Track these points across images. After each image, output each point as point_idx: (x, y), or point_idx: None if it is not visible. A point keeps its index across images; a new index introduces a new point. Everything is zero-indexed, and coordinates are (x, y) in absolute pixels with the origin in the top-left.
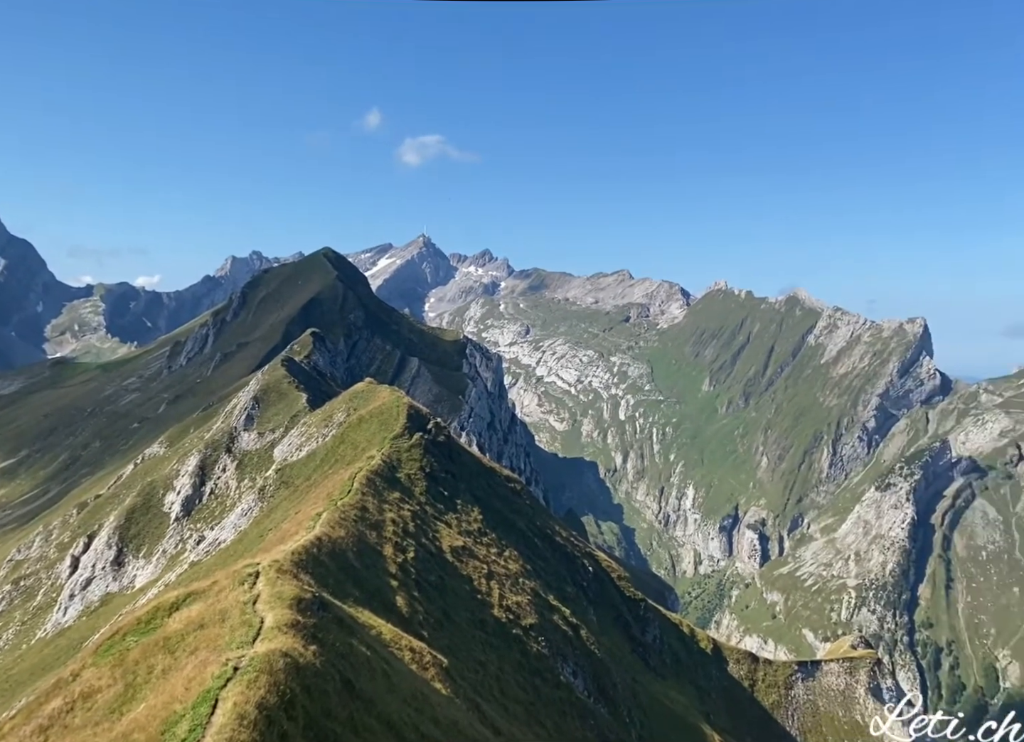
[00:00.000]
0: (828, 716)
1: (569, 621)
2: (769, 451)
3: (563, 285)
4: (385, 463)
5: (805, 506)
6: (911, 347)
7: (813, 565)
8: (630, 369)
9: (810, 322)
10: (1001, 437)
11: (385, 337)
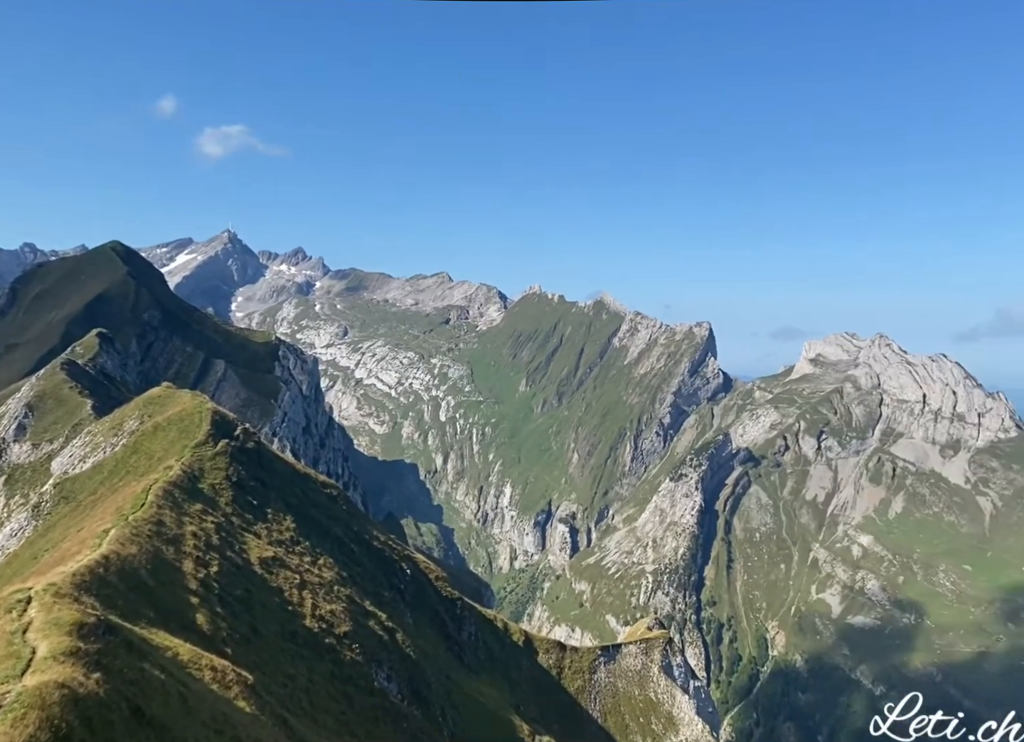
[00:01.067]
0: (626, 696)
1: (385, 626)
2: (580, 448)
3: (382, 286)
4: (185, 473)
5: (611, 498)
6: (699, 349)
7: (616, 554)
8: (450, 371)
9: (615, 325)
10: (771, 430)
11: (186, 338)
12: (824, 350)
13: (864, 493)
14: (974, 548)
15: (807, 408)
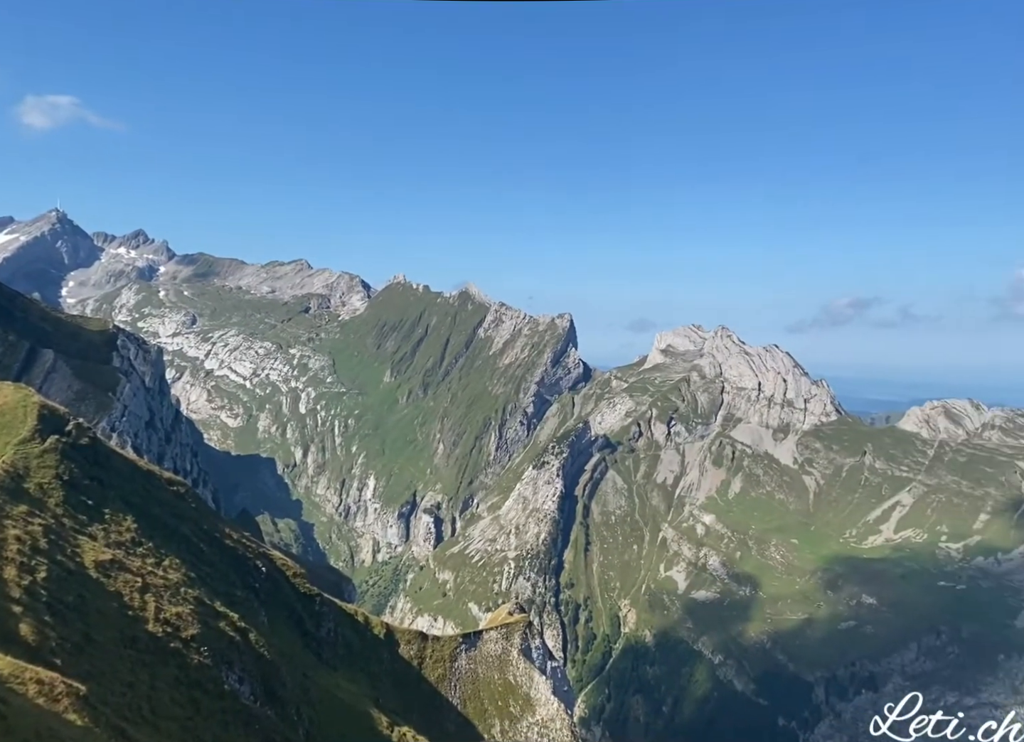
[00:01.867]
0: (486, 681)
1: (237, 626)
2: (445, 438)
3: (235, 273)
4: (7, 473)
5: (476, 488)
6: (561, 340)
7: (480, 542)
8: (311, 361)
9: (480, 316)
10: (627, 417)
11: (8, 325)
12: (673, 341)
13: (708, 475)
14: (800, 523)
15: (658, 396)
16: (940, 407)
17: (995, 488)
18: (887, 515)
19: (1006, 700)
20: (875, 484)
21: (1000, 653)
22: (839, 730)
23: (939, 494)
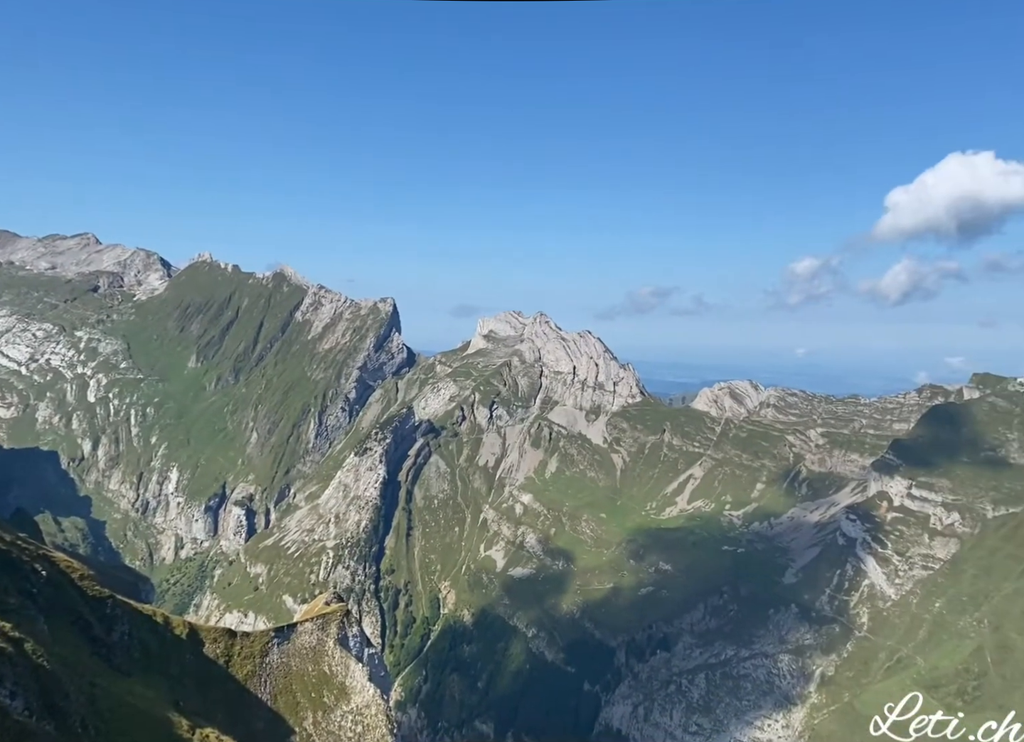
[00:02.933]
0: (299, 674)
1: (9, 636)
2: (259, 426)
3: (6, 246)
4: None
5: (293, 477)
6: (384, 324)
7: (297, 533)
8: (101, 345)
9: (297, 299)
10: (451, 402)
11: None
12: (495, 327)
13: (527, 456)
14: (608, 498)
15: (481, 381)
16: (726, 388)
17: (769, 460)
18: (682, 488)
19: (774, 649)
20: (672, 460)
21: (770, 608)
22: (636, 689)
23: (725, 467)
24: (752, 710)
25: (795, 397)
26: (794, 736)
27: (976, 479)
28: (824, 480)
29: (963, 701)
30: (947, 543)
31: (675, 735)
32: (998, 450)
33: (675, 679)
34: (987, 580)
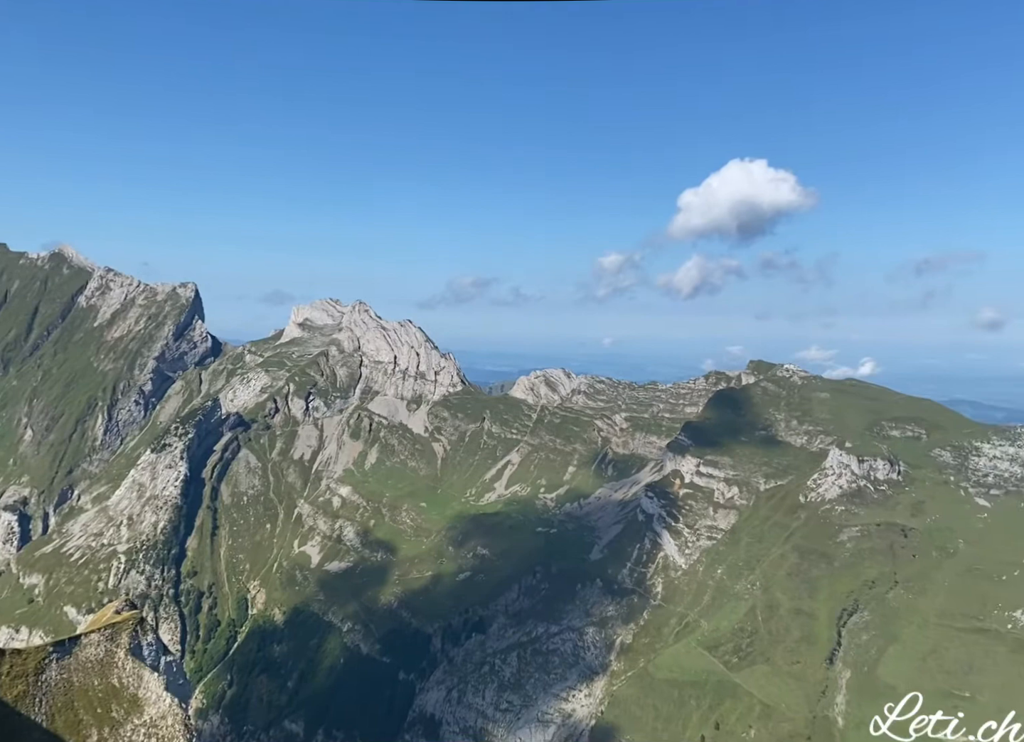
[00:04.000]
0: (83, 689)
1: None
2: (35, 423)
3: None
4: None
5: (77, 478)
6: (185, 311)
7: (82, 538)
8: None
9: (81, 282)
10: (262, 393)
11: None
12: (311, 315)
13: (346, 448)
14: (429, 487)
15: (296, 371)
16: (542, 376)
17: (580, 444)
18: (500, 473)
19: (581, 623)
20: (491, 447)
21: (578, 583)
22: (451, 674)
23: (540, 452)
24: (559, 683)
25: (603, 384)
26: (595, 703)
27: (752, 456)
28: (628, 461)
29: (738, 657)
30: (728, 515)
31: (487, 714)
32: (769, 429)
33: (489, 660)
34: (759, 546)
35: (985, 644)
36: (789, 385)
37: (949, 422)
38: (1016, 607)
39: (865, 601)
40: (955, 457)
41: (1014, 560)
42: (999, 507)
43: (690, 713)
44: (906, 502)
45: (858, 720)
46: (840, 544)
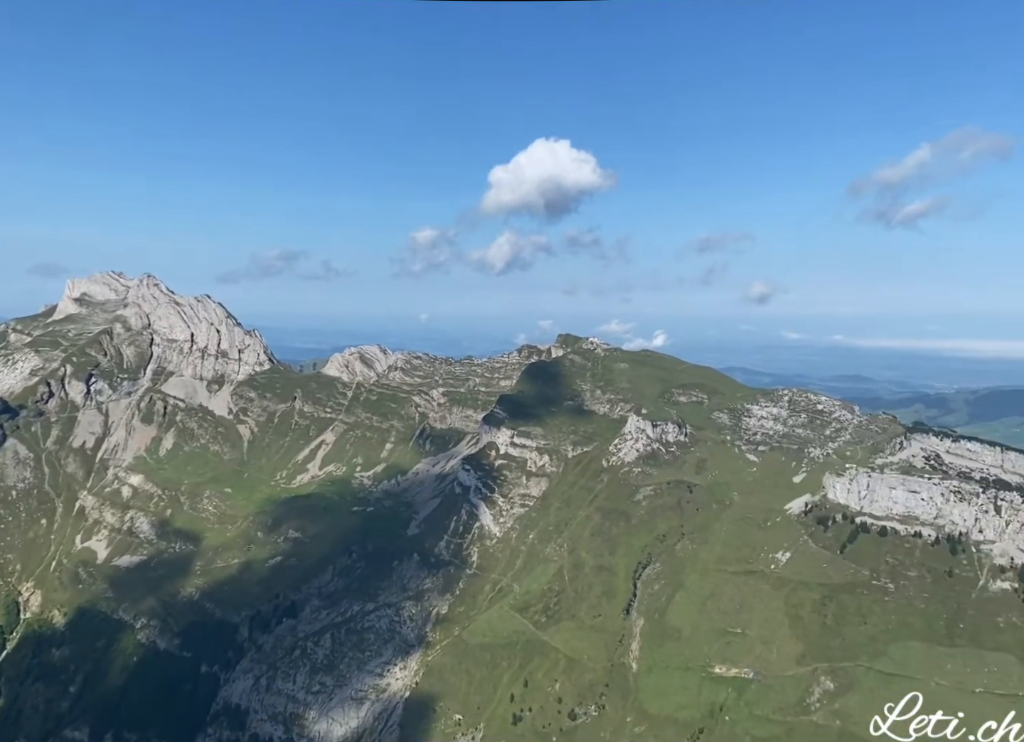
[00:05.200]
0: None
1: None
2: None
3: None
4: None
5: None
6: None
7: None
8: None
9: None
10: (32, 376)
11: None
12: (90, 289)
13: (136, 433)
14: (234, 472)
15: (74, 351)
16: (356, 353)
17: (398, 421)
18: (313, 454)
19: (397, 598)
20: (304, 427)
21: (395, 560)
22: (259, 662)
23: (356, 430)
24: (375, 659)
25: (420, 360)
26: (411, 676)
27: (561, 425)
28: (446, 436)
29: (547, 617)
30: (540, 482)
31: (297, 698)
32: (576, 399)
33: (300, 644)
34: (567, 510)
35: (753, 584)
36: (593, 357)
37: (726, 387)
38: (777, 549)
39: (657, 554)
40: (731, 418)
41: (776, 507)
42: (765, 461)
43: (501, 674)
44: (691, 461)
45: (649, 664)
46: (637, 503)
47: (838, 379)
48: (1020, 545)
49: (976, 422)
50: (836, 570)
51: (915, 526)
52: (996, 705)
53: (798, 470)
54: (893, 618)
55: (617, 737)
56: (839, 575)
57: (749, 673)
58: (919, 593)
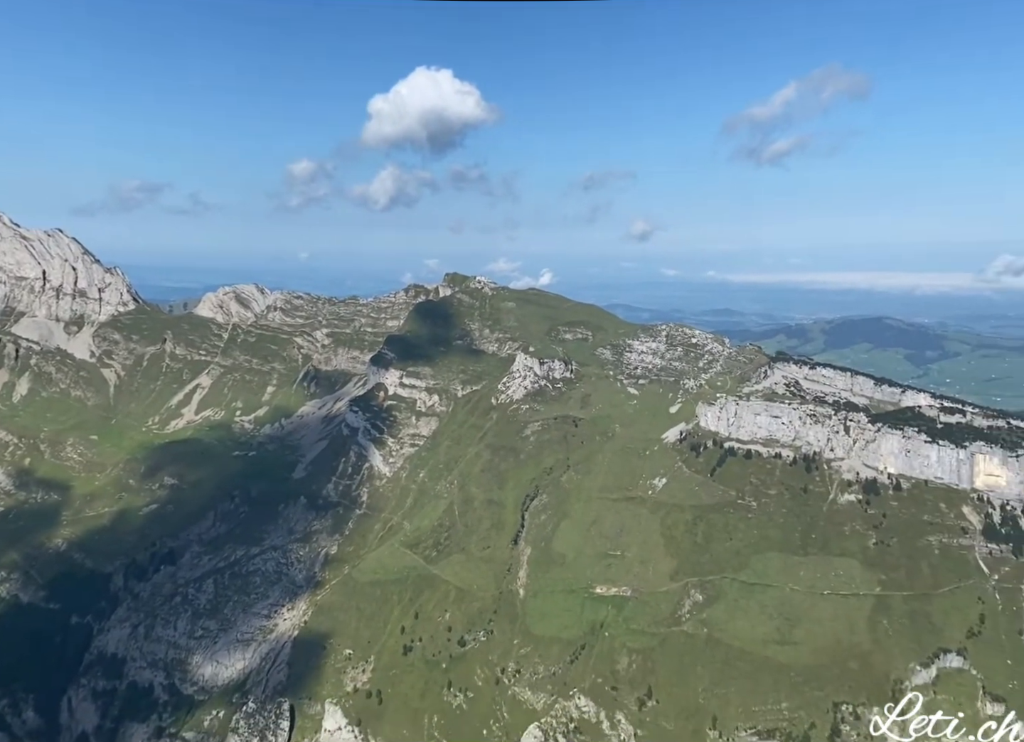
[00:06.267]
0: None
1: None
2: None
3: None
4: None
5: None
6: None
7: None
8: None
9: None
10: None
11: None
12: None
13: None
14: (101, 418)
15: None
16: (231, 292)
17: (279, 363)
18: (189, 398)
19: (284, 541)
20: (176, 370)
21: (281, 503)
22: (136, 610)
23: (234, 373)
24: (261, 602)
25: (301, 300)
26: (299, 616)
27: (450, 365)
28: (332, 378)
29: (437, 551)
30: (429, 422)
31: (179, 644)
32: (466, 339)
33: (181, 590)
34: (457, 448)
35: (633, 510)
36: (481, 296)
37: (609, 324)
38: (655, 476)
39: (544, 486)
40: (613, 354)
41: (654, 437)
42: (644, 394)
43: (392, 608)
44: (576, 396)
45: (535, 589)
46: (525, 439)
47: (711, 313)
48: (865, 461)
49: (831, 349)
50: (706, 492)
51: (776, 448)
52: (840, 605)
53: (674, 401)
54: (755, 533)
55: (504, 659)
56: (709, 497)
57: (627, 591)
58: (778, 509)
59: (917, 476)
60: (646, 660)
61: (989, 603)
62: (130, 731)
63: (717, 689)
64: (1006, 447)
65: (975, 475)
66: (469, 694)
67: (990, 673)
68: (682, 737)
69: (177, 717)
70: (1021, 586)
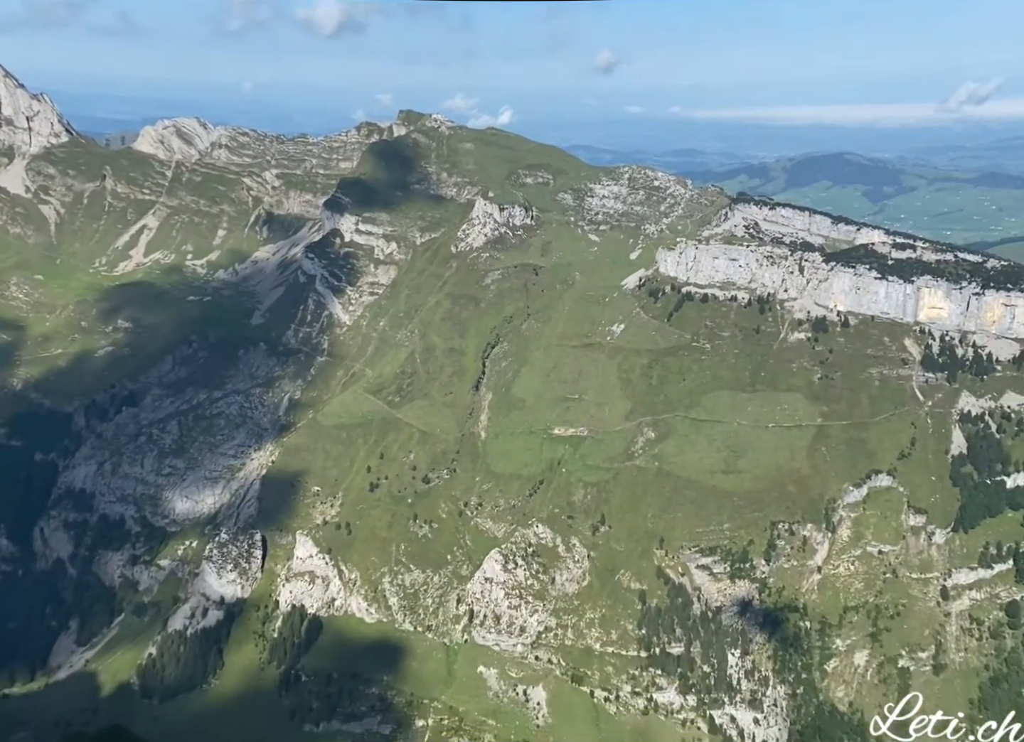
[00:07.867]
0: None
1: None
2: None
3: None
4: None
5: None
6: None
7: None
8: None
9: None
10: None
11: None
12: None
13: None
14: (44, 257)
15: None
16: (172, 127)
17: (228, 205)
18: (135, 240)
19: (246, 385)
20: (120, 209)
21: (240, 349)
22: (101, 448)
23: (182, 215)
24: (227, 443)
25: (247, 137)
26: (266, 456)
27: (408, 211)
28: (285, 222)
29: (400, 397)
30: (388, 270)
31: (147, 480)
32: (423, 183)
33: (145, 430)
34: (417, 297)
35: (591, 355)
36: (438, 136)
37: (570, 167)
38: (613, 322)
39: (504, 334)
40: (575, 199)
41: (613, 284)
42: (605, 241)
43: (357, 450)
44: (537, 244)
45: (496, 431)
46: (485, 287)
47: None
48: (816, 300)
49: (791, 188)
50: (663, 336)
51: (732, 291)
52: (783, 436)
53: (635, 247)
54: (708, 373)
55: (467, 494)
56: (665, 341)
57: (584, 431)
58: (731, 350)
59: (865, 313)
60: (600, 492)
61: (920, 427)
62: (104, 559)
63: (665, 515)
64: (951, 280)
65: (920, 309)
66: (434, 525)
67: (915, 489)
68: (631, 557)
69: (151, 546)
70: (951, 410)
